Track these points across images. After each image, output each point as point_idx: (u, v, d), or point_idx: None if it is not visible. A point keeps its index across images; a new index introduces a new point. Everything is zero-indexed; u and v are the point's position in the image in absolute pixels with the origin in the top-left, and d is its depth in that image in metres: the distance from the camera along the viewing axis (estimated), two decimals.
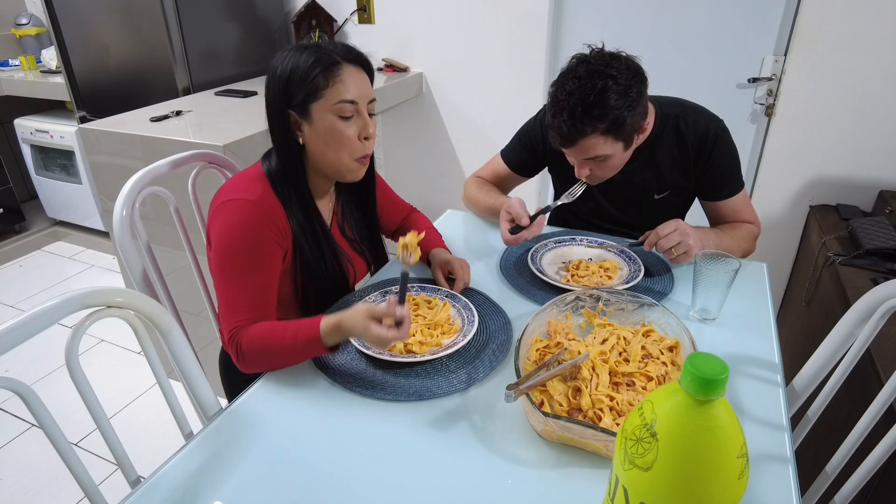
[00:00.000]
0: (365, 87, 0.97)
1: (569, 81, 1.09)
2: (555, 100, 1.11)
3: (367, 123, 0.98)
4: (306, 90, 0.93)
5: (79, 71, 2.50)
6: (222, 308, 0.95)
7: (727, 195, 1.29)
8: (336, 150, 0.97)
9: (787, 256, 2.17)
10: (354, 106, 0.95)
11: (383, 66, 2.61)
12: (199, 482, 0.74)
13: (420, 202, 1.44)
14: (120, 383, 2.14)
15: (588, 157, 1.15)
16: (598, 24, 2.25)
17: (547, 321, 0.95)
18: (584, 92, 1.07)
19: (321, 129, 0.95)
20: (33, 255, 3.15)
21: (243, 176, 1.01)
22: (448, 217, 1.51)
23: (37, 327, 0.68)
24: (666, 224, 1.13)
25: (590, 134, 1.10)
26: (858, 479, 0.89)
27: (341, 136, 0.96)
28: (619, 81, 1.07)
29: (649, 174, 1.31)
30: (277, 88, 0.95)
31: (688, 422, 0.48)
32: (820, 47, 1.88)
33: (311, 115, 0.95)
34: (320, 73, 0.92)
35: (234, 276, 0.94)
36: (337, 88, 0.93)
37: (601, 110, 1.07)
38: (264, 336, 0.90)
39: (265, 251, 0.95)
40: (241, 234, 0.93)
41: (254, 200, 0.95)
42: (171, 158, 1.17)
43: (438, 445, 0.78)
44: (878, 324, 0.88)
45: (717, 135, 1.24)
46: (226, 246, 0.94)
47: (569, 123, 1.09)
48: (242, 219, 0.94)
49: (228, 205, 0.95)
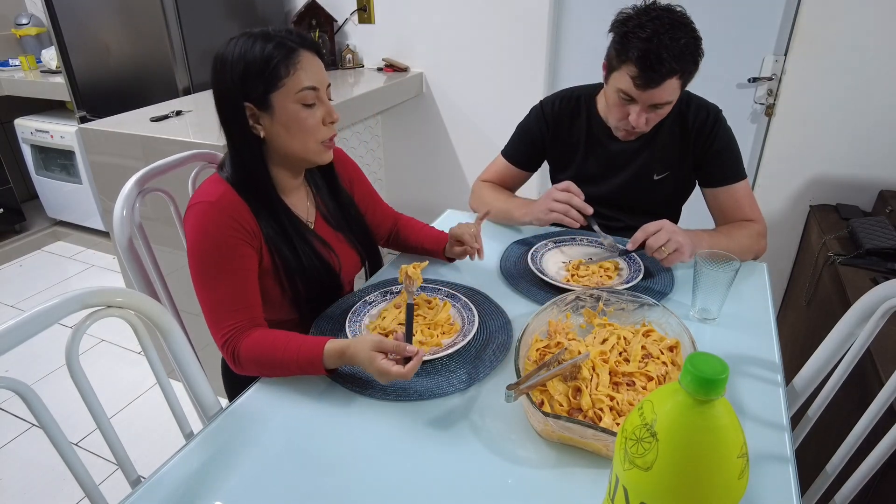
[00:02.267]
0: (322, 72, 0.95)
1: (646, 25, 1.11)
2: (637, 39, 1.11)
3: (330, 108, 0.97)
4: (266, 81, 0.90)
5: (79, 71, 2.50)
6: (207, 315, 0.93)
7: (727, 181, 1.29)
8: (301, 138, 0.95)
9: (787, 256, 2.17)
10: (316, 93, 0.94)
11: (383, 65, 2.61)
12: (199, 482, 0.74)
13: (420, 202, 1.44)
14: (120, 383, 2.14)
15: (656, 103, 1.17)
16: (598, 24, 2.24)
17: (547, 321, 0.95)
18: (674, 34, 1.10)
19: (284, 119, 0.93)
20: (33, 255, 3.15)
21: (206, 181, 0.99)
22: (448, 217, 1.51)
23: (37, 327, 0.68)
24: (652, 223, 1.12)
25: (674, 76, 1.13)
26: (858, 479, 0.89)
27: (305, 123, 0.94)
28: (693, 30, 1.13)
29: (650, 154, 1.32)
30: (232, 81, 0.91)
31: (688, 422, 0.48)
32: (820, 47, 1.88)
33: (272, 106, 0.92)
34: (280, 62, 0.89)
35: (210, 282, 0.92)
36: (298, 76, 0.91)
37: (686, 54, 1.11)
38: (265, 347, 0.89)
39: (235, 252, 0.93)
40: (206, 237, 0.92)
41: (213, 201, 0.92)
42: (171, 158, 1.17)
43: (438, 445, 0.78)
44: (878, 323, 0.88)
45: (717, 117, 1.28)
46: (196, 253, 0.92)
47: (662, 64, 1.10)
48: (204, 221, 0.92)
49: (191, 210, 0.94)
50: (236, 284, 0.93)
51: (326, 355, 0.85)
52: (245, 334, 0.91)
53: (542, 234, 1.37)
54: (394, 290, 1.10)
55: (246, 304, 0.94)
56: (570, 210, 1.19)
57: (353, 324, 1.00)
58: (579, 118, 1.37)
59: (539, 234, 1.37)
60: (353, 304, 1.05)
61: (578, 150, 1.39)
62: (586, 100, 1.36)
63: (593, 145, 1.37)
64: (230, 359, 0.92)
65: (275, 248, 0.99)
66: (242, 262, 0.94)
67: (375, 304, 1.07)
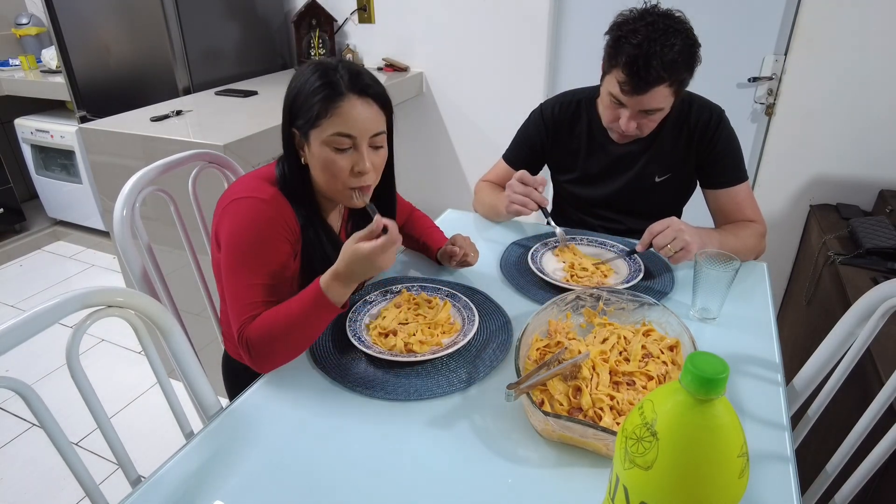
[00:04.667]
0: (368, 120, 0.91)
1: (640, 30, 1.10)
2: (628, 45, 1.11)
3: (361, 158, 0.92)
4: (306, 116, 0.91)
5: (79, 71, 2.50)
6: (232, 307, 0.92)
7: (729, 183, 1.29)
8: (327, 179, 0.95)
9: (787, 256, 2.17)
10: (352, 140, 0.91)
11: (383, 65, 2.61)
12: (199, 482, 0.74)
13: (420, 202, 1.44)
14: (120, 383, 2.14)
15: (646, 109, 1.17)
16: (598, 24, 2.24)
17: (547, 321, 0.95)
18: (666, 42, 1.09)
19: (317, 156, 0.93)
20: (34, 255, 3.15)
21: (253, 176, 1.00)
22: (448, 217, 1.51)
23: (37, 327, 0.68)
24: (658, 222, 1.13)
25: (661, 84, 1.12)
26: (858, 478, 0.89)
27: (334, 166, 0.92)
28: (690, 37, 1.12)
29: (651, 156, 1.32)
30: (286, 105, 0.94)
31: (688, 421, 0.48)
32: (820, 47, 1.88)
33: (310, 140, 0.93)
34: (320, 102, 0.89)
35: (244, 273, 0.92)
36: (334, 121, 0.90)
37: (678, 62, 1.10)
38: (269, 319, 0.88)
39: (277, 248, 0.94)
40: (252, 230, 0.92)
41: (265, 199, 0.93)
42: (172, 158, 1.16)
43: (438, 445, 0.78)
44: (878, 323, 0.88)
45: (720, 118, 1.27)
46: (236, 243, 0.92)
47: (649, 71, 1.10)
48: (253, 216, 0.92)
49: (239, 202, 0.94)
50: (269, 279, 0.93)
51: (324, 286, 0.85)
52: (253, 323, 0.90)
53: (542, 233, 1.37)
54: (394, 290, 1.10)
55: (275, 300, 0.93)
56: (529, 202, 1.22)
57: (354, 323, 1.00)
58: (580, 122, 1.37)
59: (539, 234, 1.37)
60: (353, 303, 1.05)
61: (580, 153, 1.39)
62: (587, 103, 1.36)
63: (594, 148, 1.37)
64: (246, 352, 0.89)
65: (308, 256, 1.01)
66: (282, 259, 0.95)
67: (375, 304, 1.07)
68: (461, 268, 1.21)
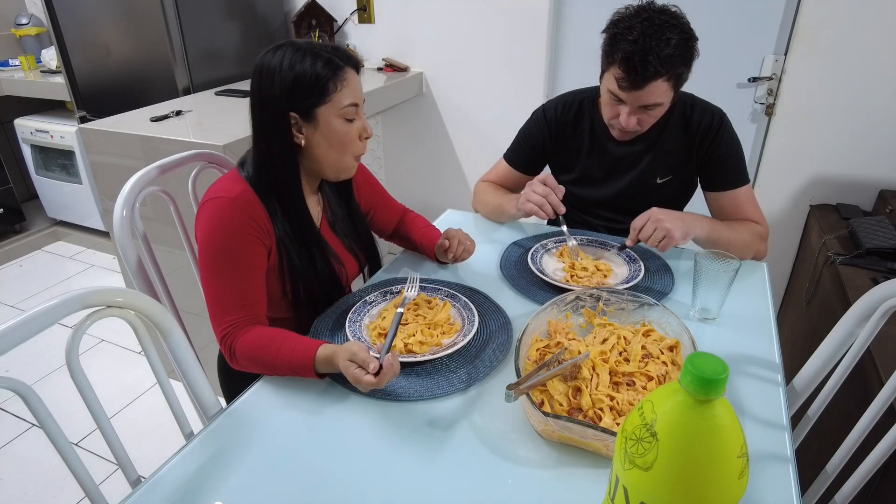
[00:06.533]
0: (360, 89, 1.00)
1: (636, 26, 1.11)
2: (624, 41, 1.12)
3: (365, 124, 1.01)
4: (316, 94, 0.94)
5: (79, 71, 2.50)
6: (211, 308, 0.95)
7: (730, 185, 1.29)
8: (340, 150, 0.99)
9: (787, 256, 2.17)
10: (356, 109, 0.98)
11: (383, 65, 2.61)
12: (199, 482, 0.74)
13: (420, 202, 1.44)
14: (120, 383, 2.14)
15: (645, 104, 1.17)
16: (598, 24, 2.24)
17: (547, 321, 0.95)
18: (662, 36, 1.09)
19: (326, 132, 0.97)
20: (33, 255, 3.15)
21: (223, 178, 1.01)
22: (448, 217, 1.51)
23: (37, 327, 0.68)
24: (638, 217, 1.16)
25: (659, 78, 1.12)
26: (858, 479, 0.89)
27: (346, 137, 0.98)
28: (686, 31, 1.12)
29: (653, 158, 1.33)
30: (280, 91, 0.94)
31: (688, 421, 0.48)
32: (820, 47, 1.88)
33: (317, 119, 0.95)
34: (330, 78, 0.93)
35: (218, 275, 0.94)
36: (344, 93, 0.95)
37: (675, 56, 1.10)
38: (259, 347, 0.90)
39: (248, 249, 0.96)
40: (221, 232, 0.94)
41: (231, 198, 0.95)
42: (172, 158, 1.16)
43: (438, 445, 0.78)
44: (878, 323, 0.88)
45: (722, 121, 1.28)
46: (208, 245, 0.94)
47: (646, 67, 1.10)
48: (222, 216, 0.94)
49: (207, 205, 0.96)
50: (243, 280, 0.95)
51: (318, 361, 0.86)
52: (243, 331, 0.93)
53: (542, 233, 1.37)
54: (394, 290, 1.10)
55: (250, 300, 0.96)
56: (546, 205, 1.22)
57: (353, 324, 1.00)
58: (582, 122, 1.38)
59: (539, 234, 1.37)
60: (352, 304, 1.05)
61: (581, 153, 1.39)
62: (589, 104, 1.37)
63: (596, 149, 1.37)
64: (227, 353, 0.93)
65: (285, 250, 1.01)
66: (253, 258, 0.96)
67: (375, 304, 1.07)
68: (459, 262, 1.21)
